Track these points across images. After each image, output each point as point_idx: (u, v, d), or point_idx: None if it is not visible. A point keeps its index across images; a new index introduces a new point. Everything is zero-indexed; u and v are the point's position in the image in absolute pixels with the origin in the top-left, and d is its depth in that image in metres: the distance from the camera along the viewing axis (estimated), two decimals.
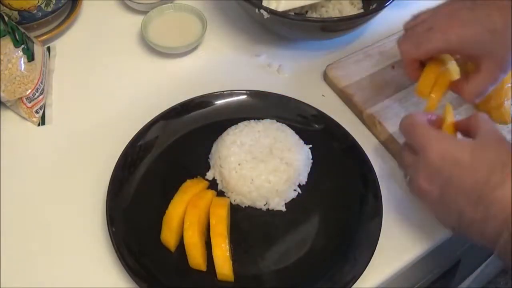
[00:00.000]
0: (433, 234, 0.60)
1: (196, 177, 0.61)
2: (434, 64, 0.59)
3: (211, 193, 0.59)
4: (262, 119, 0.65)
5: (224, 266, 0.53)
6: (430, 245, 0.59)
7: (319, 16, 0.78)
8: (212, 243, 0.53)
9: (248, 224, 0.58)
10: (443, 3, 0.59)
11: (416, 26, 0.59)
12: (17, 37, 0.66)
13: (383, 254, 0.56)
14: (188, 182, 0.59)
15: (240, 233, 0.57)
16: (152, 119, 0.64)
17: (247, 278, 0.54)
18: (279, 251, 0.57)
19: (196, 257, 0.54)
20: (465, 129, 0.54)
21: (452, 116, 0.56)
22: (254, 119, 0.65)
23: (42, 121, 0.68)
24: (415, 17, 0.61)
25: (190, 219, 0.55)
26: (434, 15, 0.58)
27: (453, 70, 0.61)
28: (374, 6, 0.76)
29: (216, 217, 0.55)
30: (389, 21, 0.81)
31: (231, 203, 0.59)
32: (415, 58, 0.59)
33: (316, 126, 0.66)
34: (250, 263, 0.56)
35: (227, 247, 0.53)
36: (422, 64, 0.60)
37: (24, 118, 0.68)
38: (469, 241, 0.52)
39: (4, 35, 0.65)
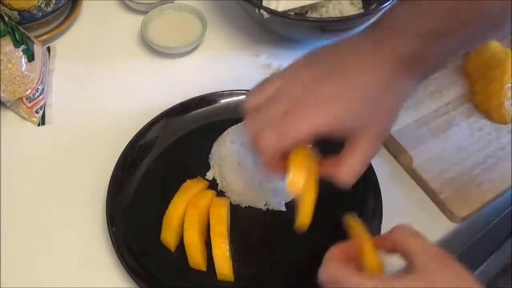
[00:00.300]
0: (433, 234, 0.60)
1: (196, 177, 0.61)
2: (299, 146, 0.46)
3: (211, 193, 0.59)
4: None
5: (224, 266, 0.53)
6: None
7: (319, 16, 0.78)
8: (212, 243, 0.53)
9: (248, 224, 0.58)
10: (298, 66, 0.47)
11: (265, 106, 0.45)
12: (17, 37, 0.66)
13: (383, 254, 0.56)
14: (188, 182, 0.59)
15: (240, 233, 0.57)
16: (152, 119, 0.64)
17: (247, 278, 0.54)
18: (279, 251, 0.56)
19: (196, 257, 0.54)
20: (392, 249, 0.44)
21: (366, 235, 0.46)
22: None
23: (42, 121, 0.68)
24: (259, 90, 0.48)
25: (190, 219, 0.55)
26: (289, 87, 0.45)
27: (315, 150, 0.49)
28: (374, 6, 0.76)
29: (216, 217, 0.55)
30: None
31: (231, 203, 0.59)
32: (279, 151, 0.45)
33: None
34: (250, 263, 0.56)
35: (227, 247, 0.53)
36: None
37: (24, 118, 0.68)
38: None
39: (4, 35, 0.65)
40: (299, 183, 0.46)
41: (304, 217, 0.47)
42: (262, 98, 0.46)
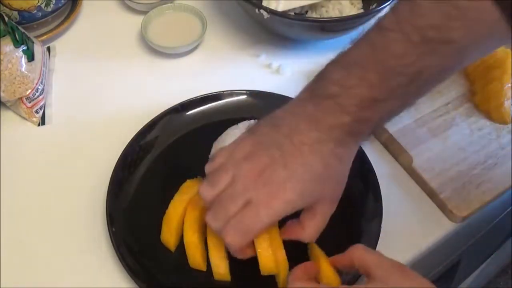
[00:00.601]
0: (433, 234, 0.60)
1: (196, 177, 0.61)
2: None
3: None
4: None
5: (220, 265, 0.53)
6: (430, 245, 0.59)
7: (319, 16, 0.78)
8: (208, 243, 0.53)
9: None
10: (241, 158, 0.48)
11: (223, 200, 0.47)
12: (17, 37, 0.66)
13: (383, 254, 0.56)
14: (188, 182, 0.59)
15: None
16: (152, 119, 0.64)
17: (246, 278, 0.54)
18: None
19: (196, 257, 0.54)
20: (350, 265, 0.47)
21: (323, 255, 0.51)
22: (254, 119, 0.65)
23: (42, 121, 0.68)
24: (211, 184, 0.49)
25: (190, 219, 0.55)
26: (239, 181, 0.47)
27: None
28: (374, 6, 0.76)
29: None
30: None
31: None
32: (245, 244, 0.48)
33: None
34: (250, 263, 0.55)
35: (224, 247, 0.53)
36: None
37: (24, 118, 0.68)
38: None
39: (4, 35, 0.65)
40: (271, 268, 0.50)
41: (283, 284, 0.51)
42: (217, 191, 0.48)
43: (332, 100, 0.45)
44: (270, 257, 0.50)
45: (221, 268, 0.53)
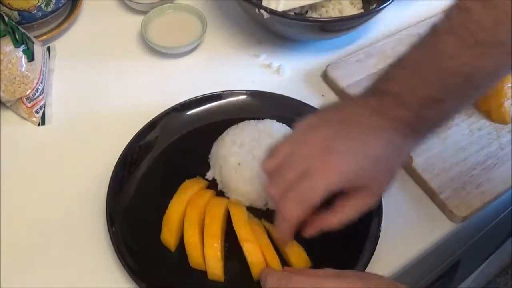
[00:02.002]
0: (433, 234, 0.60)
1: (196, 177, 0.61)
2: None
3: (210, 192, 0.59)
4: (262, 119, 0.65)
5: (215, 266, 0.53)
6: (430, 245, 0.59)
7: (319, 16, 0.78)
8: (204, 243, 0.53)
9: None
10: (305, 128, 0.50)
11: (282, 168, 0.49)
12: (17, 37, 0.66)
13: (383, 254, 0.56)
14: (187, 182, 0.59)
15: None
16: (152, 119, 0.64)
17: (246, 278, 0.54)
18: (277, 251, 0.56)
19: (196, 257, 0.54)
20: None
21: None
22: (254, 119, 0.65)
23: (42, 121, 0.68)
24: (274, 153, 0.50)
25: (190, 219, 0.55)
26: (300, 149, 0.48)
27: None
28: (374, 6, 0.76)
29: (211, 217, 0.55)
30: (389, 21, 0.82)
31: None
32: (301, 217, 0.48)
33: None
34: (245, 263, 0.55)
35: (219, 247, 0.53)
36: None
37: (24, 118, 0.68)
38: None
39: (4, 35, 0.65)
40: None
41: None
42: (277, 161, 0.49)
43: (394, 97, 0.47)
44: (261, 264, 0.53)
45: (215, 269, 0.53)
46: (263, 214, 0.59)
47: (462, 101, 0.48)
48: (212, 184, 0.61)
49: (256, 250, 0.53)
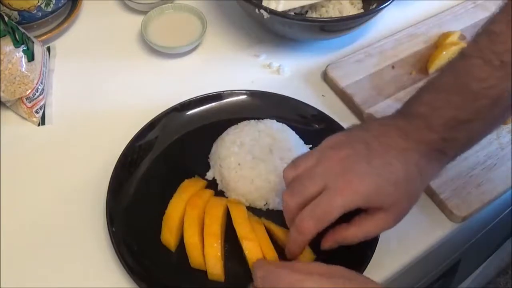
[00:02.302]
0: (433, 234, 0.60)
1: (195, 177, 0.61)
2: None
3: (209, 192, 0.59)
4: (262, 119, 0.65)
5: (215, 266, 0.53)
6: (430, 245, 0.59)
7: (319, 16, 0.78)
8: (204, 243, 0.53)
9: None
10: (330, 146, 0.50)
11: (302, 179, 0.49)
12: (17, 37, 0.66)
13: (383, 254, 0.56)
14: (186, 182, 0.59)
15: None
16: (152, 119, 0.64)
17: (245, 278, 0.54)
18: (278, 251, 0.56)
19: (197, 257, 0.54)
20: None
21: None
22: (254, 119, 0.65)
23: (42, 121, 0.68)
24: (296, 163, 0.51)
25: (190, 219, 0.55)
26: (321, 165, 0.49)
27: None
28: (374, 6, 0.76)
29: (210, 217, 0.55)
30: (389, 21, 0.82)
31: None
32: (317, 231, 0.48)
33: (316, 126, 0.66)
34: (245, 263, 0.55)
35: (219, 247, 0.53)
36: None
37: (24, 118, 0.68)
38: None
39: (4, 35, 0.65)
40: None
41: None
42: (299, 172, 0.50)
43: (421, 119, 0.48)
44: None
45: (215, 269, 0.53)
46: (263, 214, 0.59)
47: (490, 121, 0.49)
48: (212, 184, 0.61)
49: (255, 248, 0.53)
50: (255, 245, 0.53)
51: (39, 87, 0.67)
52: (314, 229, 0.48)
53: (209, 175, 0.62)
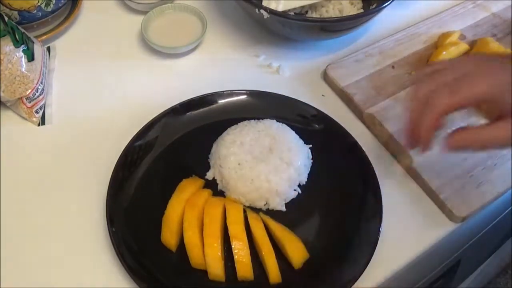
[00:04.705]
0: (433, 234, 0.60)
1: (192, 176, 0.61)
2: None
3: (207, 192, 0.59)
4: (262, 119, 0.65)
5: (215, 266, 0.53)
6: (430, 245, 0.59)
7: (319, 16, 0.78)
8: (204, 243, 0.53)
9: (247, 224, 0.58)
10: (461, 58, 0.53)
11: (438, 73, 0.49)
12: (17, 37, 0.66)
13: (383, 254, 0.56)
14: (184, 182, 0.59)
15: None
16: (152, 119, 0.64)
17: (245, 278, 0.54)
18: (278, 251, 0.56)
19: (197, 257, 0.54)
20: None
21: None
22: (254, 119, 0.65)
23: (42, 121, 0.68)
24: (431, 66, 0.52)
25: (189, 219, 0.55)
26: (460, 63, 0.50)
27: None
28: (374, 6, 0.76)
29: (209, 217, 0.55)
30: (389, 21, 0.82)
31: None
32: (448, 110, 0.47)
33: (316, 126, 0.66)
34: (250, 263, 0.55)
35: (219, 247, 0.53)
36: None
37: (24, 118, 0.68)
38: None
39: (4, 35, 0.65)
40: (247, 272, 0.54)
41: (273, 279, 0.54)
42: (433, 69, 0.50)
43: None
44: (247, 264, 0.53)
45: (216, 269, 0.53)
46: (264, 214, 0.59)
47: None
48: (212, 184, 0.61)
49: (244, 249, 0.53)
50: (243, 246, 0.54)
51: (39, 87, 0.67)
52: (446, 104, 0.46)
53: (209, 175, 0.62)
